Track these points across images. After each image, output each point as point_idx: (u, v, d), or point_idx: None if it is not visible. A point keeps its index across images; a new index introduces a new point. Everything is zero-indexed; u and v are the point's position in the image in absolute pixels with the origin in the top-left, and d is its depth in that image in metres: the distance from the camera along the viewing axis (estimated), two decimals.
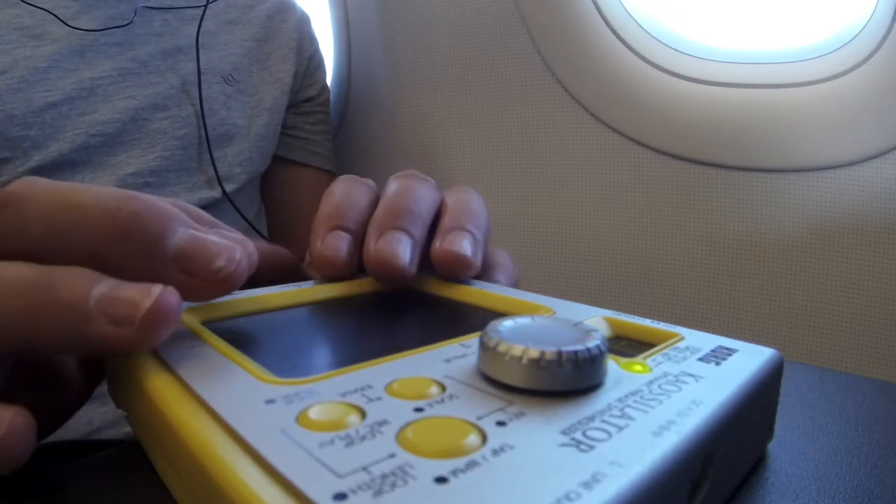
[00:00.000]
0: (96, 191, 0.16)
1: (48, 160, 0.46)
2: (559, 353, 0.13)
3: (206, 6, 0.55)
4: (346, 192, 0.25)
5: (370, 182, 0.26)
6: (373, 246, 0.22)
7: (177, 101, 0.53)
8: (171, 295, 0.15)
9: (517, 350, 0.13)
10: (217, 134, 0.54)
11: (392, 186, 0.25)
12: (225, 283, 0.17)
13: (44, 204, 0.16)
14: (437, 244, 0.23)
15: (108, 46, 0.50)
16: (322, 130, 0.69)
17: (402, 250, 0.22)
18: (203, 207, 0.53)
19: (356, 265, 0.23)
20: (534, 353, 0.13)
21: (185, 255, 0.16)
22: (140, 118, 0.50)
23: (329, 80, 0.71)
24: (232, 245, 0.17)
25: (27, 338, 0.14)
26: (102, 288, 0.14)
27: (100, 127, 0.48)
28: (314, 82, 0.67)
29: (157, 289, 0.15)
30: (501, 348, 0.13)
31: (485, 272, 0.26)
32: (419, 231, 0.23)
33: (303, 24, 0.66)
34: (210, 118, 0.54)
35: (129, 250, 0.16)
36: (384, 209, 0.23)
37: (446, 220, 0.24)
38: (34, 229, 0.16)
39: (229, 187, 0.54)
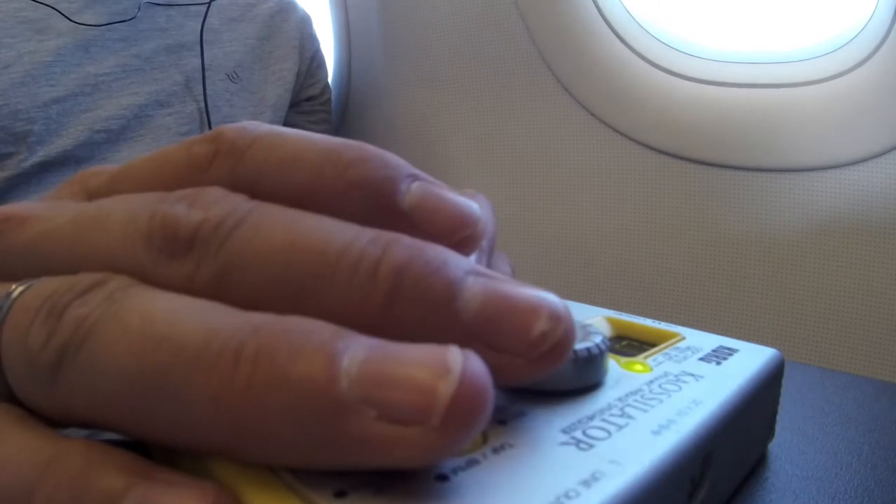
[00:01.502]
0: (343, 230, 0.10)
1: (52, 155, 0.46)
2: None
3: (209, 2, 0.55)
4: None
5: None
6: None
7: (181, 97, 0.53)
8: (480, 364, 0.09)
9: None
10: None
11: None
12: (551, 356, 0.10)
13: (262, 249, 0.10)
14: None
15: (112, 42, 0.50)
16: (323, 130, 0.69)
17: None
18: None
19: None
20: None
21: (484, 321, 0.10)
22: (144, 114, 0.50)
23: (329, 80, 0.71)
24: (548, 295, 0.11)
25: (226, 443, 0.09)
26: (358, 353, 0.09)
27: (103, 123, 0.48)
28: (316, 81, 0.67)
29: (454, 352, 0.09)
30: None
31: None
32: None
33: (304, 24, 0.66)
34: (214, 115, 0.54)
35: (393, 324, 0.10)
36: None
37: None
38: (240, 281, 0.10)
39: None
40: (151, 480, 0.09)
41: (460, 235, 0.11)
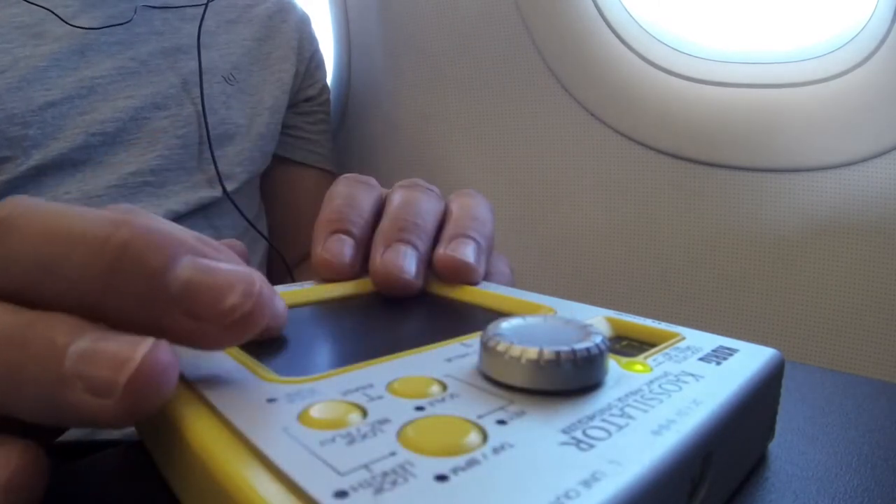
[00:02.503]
0: (88, 215, 0.13)
1: (48, 159, 0.46)
2: (559, 353, 0.13)
3: (206, 5, 0.55)
4: (348, 195, 0.25)
5: (372, 181, 0.26)
6: (379, 259, 0.22)
7: (177, 100, 0.53)
8: (163, 352, 0.12)
9: (517, 350, 0.13)
10: (217, 133, 0.54)
11: (397, 197, 0.25)
12: (240, 325, 0.13)
13: (29, 232, 0.13)
14: (441, 250, 0.23)
15: (109, 45, 0.50)
16: (322, 130, 0.69)
17: (408, 263, 0.22)
18: (203, 207, 0.53)
19: (358, 268, 0.23)
20: (534, 352, 0.13)
21: (189, 292, 0.12)
22: (140, 117, 0.50)
23: (329, 80, 0.71)
24: (249, 275, 0.13)
25: (2, 406, 0.12)
26: (83, 343, 0.12)
27: (100, 126, 0.48)
28: (314, 82, 0.67)
29: (144, 345, 0.11)
30: (502, 348, 0.13)
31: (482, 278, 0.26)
32: (424, 243, 0.23)
33: (303, 24, 0.66)
34: (211, 117, 0.54)
35: (121, 291, 0.12)
36: (389, 221, 0.23)
37: (451, 227, 0.24)
38: (19, 265, 0.13)
39: (229, 186, 0.54)
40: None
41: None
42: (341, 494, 0.09)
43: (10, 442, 0.12)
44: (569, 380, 0.13)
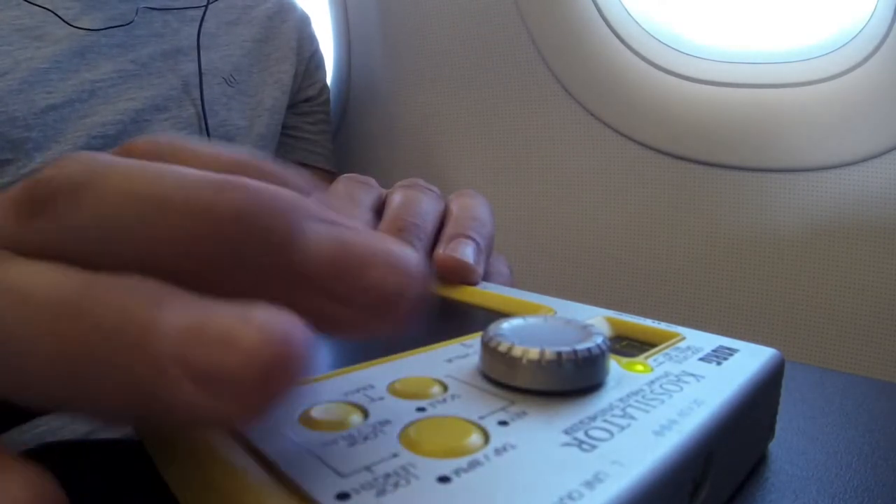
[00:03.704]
0: (182, 175, 0.10)
1: (50, 162, 0.46)
2: (561, 353, 0.13)
3: (206, 7, 0.55)
4: (348, 195, 0.25)
5: (372, 181, 0.26)
6: None
7: (178, 102, 0.53)
8: (293, 326, 0.09)
9: (518, 350, 0.13)
10: (218, 135, 0.54)
11: (397, 197, 0.25)
12: (386, 307, 0.10)
13: (107, 196, 0.10)
14: (440, 250, 0.23)
15: (109, 48, 0.50)
16: (322, 130, 0.69)
17: None
18: None
19: None
20: (535, 353, 0.13)
21: (320, 264, 0.10)
22: (141, 119, 0.50)
23: (329, 80, 0.71)
24: (396, 247, 0.11)
25: (63, 396, 0.09)
26: (180, 313, 0.09)
27: (101, 129, 0.48)
28: (314, 82, 0.67)
29: (267, 316, 0.09)
30: (503, 348, 0.13)
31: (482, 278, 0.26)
32: (424, 244, 0.23)
33: (303, 24, 0.66)
34: (211, 119, 0.54)
35: (235, 268, 0.10)
36: (389, 221, 0.23)
37: (450, 227, 0.24)
38: (92, 234, 0.10)
39: None
40: None
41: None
42: (343, 496, 0.09)
43: (11, 469, 0.09)
44: (570, 380, 0.13)
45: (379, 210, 0.25)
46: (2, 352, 0.09)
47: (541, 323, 0.15)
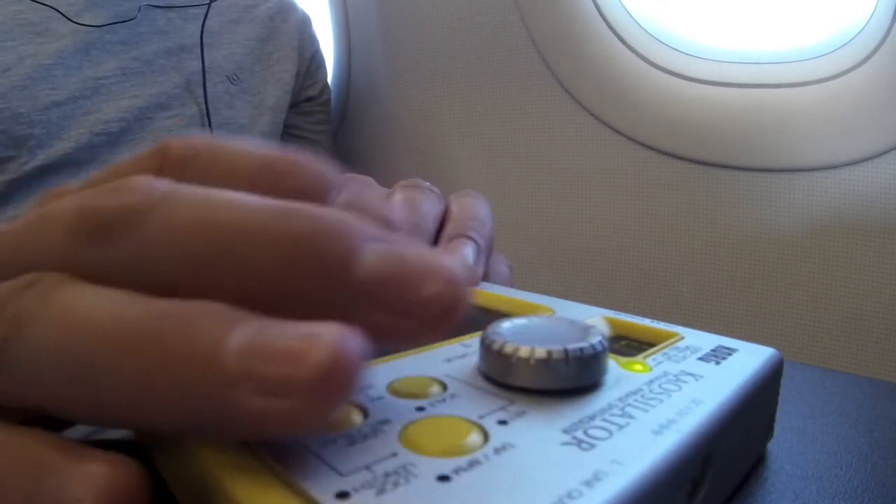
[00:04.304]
0: (246, 204, 0.11)
1: (53, 159, 0.46)
2: (560, 352, 0.13)
3: (209, 4, 0.55)
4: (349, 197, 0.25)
5: (371, 181, 0.26)
6: None
7: (181, 100, 0.53)
8: (351, 339, 0.09)
9: (517, 350, 0.13)
10: (221, 133, 0.55)
11: (398, 198, 0.25)
12: (442, 318, 0.11)
13: (175, 225, 0.11)
14: (440, 251, 0.23)
15: (112, 45, 0.50)
16: (323, 130, 0.69)
17: None
18: None
19: None
20: (534, 352, 0.13)
21: (379, 282, 0.11)
22: (144, 117, 0.50)
23: (329, 79, 0.71)
24: (447, 260, 0.11)
25: (133, 417, 0.10)
26: (244, 333, 0.09)
27: (104, 126, 0.48)
28: (315, 82, 0.67)
29: (327, 332, 0.09)
30: (502, 348, 0.13)
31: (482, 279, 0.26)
32: (424, 245, 0.23)
33: (304, 24, 0.66)
34: (214, 117, 0.54)
35: (299, 289, 0.10)
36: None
37: (450, 227, 0.24)
38: (158, 261, 0.11)
39: None
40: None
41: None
42: (343, 495, 0.09)
43: (94, 458, 0.10)
44: (569, 379, 0.13)
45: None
46: (70, 374, 0.10)
47: (540, 323, 0.15)
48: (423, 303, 0.11)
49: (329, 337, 0.09)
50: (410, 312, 0.11)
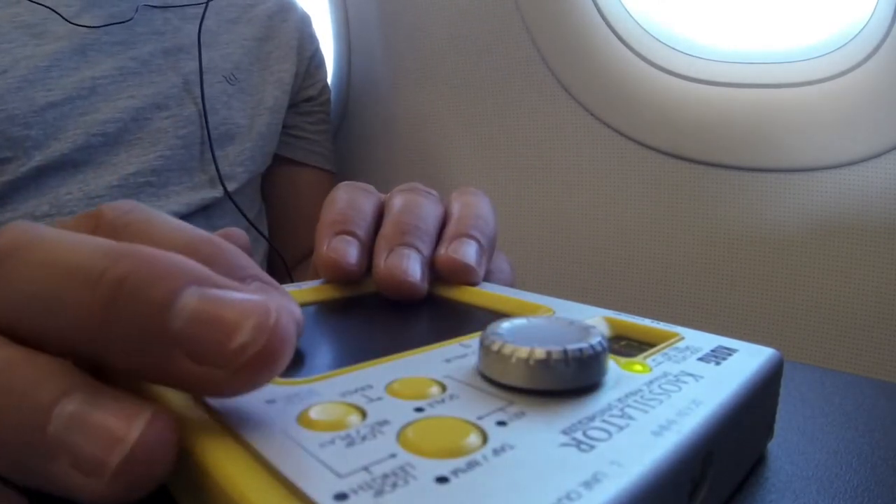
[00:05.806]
0: (85, 246, 0.11)
1: (50, 160, 0.46)
2: (559, 353, 0.13)
3: (206, 4, 0.55)
4: (349, 199, 0.25)
5: (370, 188, 0.26)
6: (383, 263, 0.22)
7: (178, 100, 0.53)
8: (163, 428, 0.10)
9: (517, 350, 0.13)
10: (218, 133, 0.54)
11: (397, 201, 0.25)
12: (252, 369, 0.11)
13: (29, 265, 0.12)
14: (442, 251, 0.23)
15: (110, 45, 0.50)
16: (322, 130, 0.69)
17: (413, 267, 0.22)
18: (204, 207, 0.53)
19: (364, 269, 0.23)
20: (533, 352, 0.13)
21: (191, 329, 0.10)
22: (141, 117, 0.50)
23: (329, 79, 0.71)
24: (263, 305, 0.11)
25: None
26: (71, 405, 0.10)
27: (101, 126, 0.48)
28: (315, 82, 0.67)
29: (141, 419, 0.10)
30: (501, 348, 0.13)
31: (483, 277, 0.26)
32: (427, 246, 0.23)
33: (303, 24, 0.66)
34: (212, 117, 0.54)
35: (119, 331, 0.11)
36: (392, 225, 0.23)
37: (452, 226, 0.24)
38: (15, 300, 0.12)
39: (230, 186, 0.54)
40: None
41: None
42: (341, 497, 0.09)
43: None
44: (568, 380, 0.13)
45: (379, 215, 0.25)
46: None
47: (539, 323, 0.15)
48: (231, 352, 0.10)
49: (140, 421, 0.10)
50: (218, 361, 0.10)
